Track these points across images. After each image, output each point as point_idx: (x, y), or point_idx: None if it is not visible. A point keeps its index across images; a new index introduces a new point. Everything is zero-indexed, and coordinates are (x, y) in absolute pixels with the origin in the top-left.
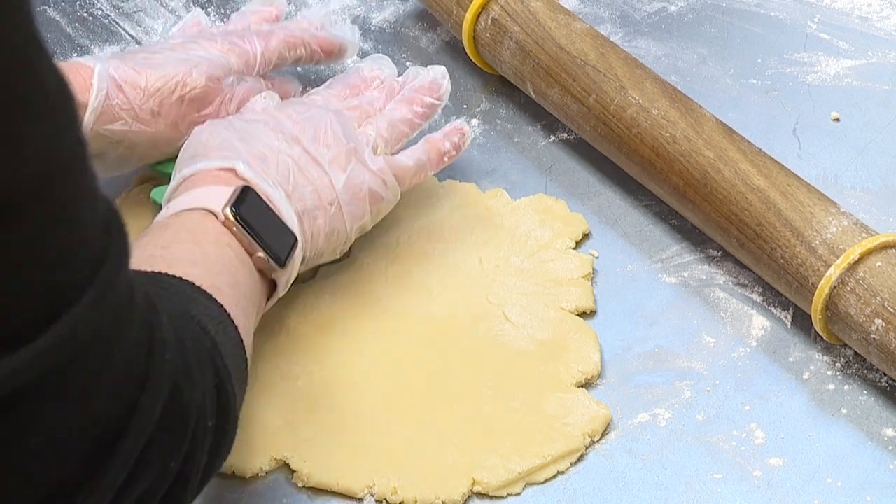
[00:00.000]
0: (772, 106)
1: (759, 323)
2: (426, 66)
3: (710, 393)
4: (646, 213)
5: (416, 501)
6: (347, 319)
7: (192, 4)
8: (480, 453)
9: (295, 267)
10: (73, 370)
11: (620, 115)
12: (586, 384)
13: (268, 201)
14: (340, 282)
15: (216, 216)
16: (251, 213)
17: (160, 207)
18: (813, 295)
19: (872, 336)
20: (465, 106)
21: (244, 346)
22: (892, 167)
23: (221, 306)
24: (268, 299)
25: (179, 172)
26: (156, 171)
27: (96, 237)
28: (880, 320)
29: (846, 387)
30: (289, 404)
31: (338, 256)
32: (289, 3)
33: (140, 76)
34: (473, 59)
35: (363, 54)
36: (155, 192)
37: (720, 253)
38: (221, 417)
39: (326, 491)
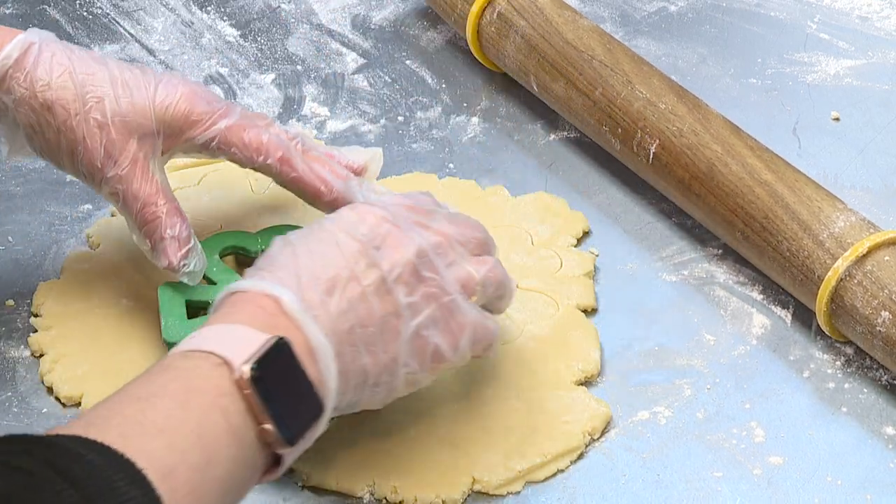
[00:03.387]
0: (772, 106)
1: (760, 321)
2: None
3: (710, 391)
4: (646, 211)
5: (416, 501)
6: None
7: (192, 4)
8: (480, 452)
9: (311, 440)
10: None
11: (627, 108)
12: (586, 382)
13: (304, 357)
14: None
15: (232, 368)
16: (274, 377)
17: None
18: (818, 287)
19: (878, 329)
20: (465, 104)
21: None
22: (892, 167)
23: (155, 499)
24: (268, 472)
25: (231, 286)
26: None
27: None
28: (887, 312)
29: (846, 385)
30: None
31: (378, 408)
32: (289, 3)
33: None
34: (475, 54)
35: (363, 52)
36: (166, 329)
37: (721, 251)
38: None
39: (326, 490)
